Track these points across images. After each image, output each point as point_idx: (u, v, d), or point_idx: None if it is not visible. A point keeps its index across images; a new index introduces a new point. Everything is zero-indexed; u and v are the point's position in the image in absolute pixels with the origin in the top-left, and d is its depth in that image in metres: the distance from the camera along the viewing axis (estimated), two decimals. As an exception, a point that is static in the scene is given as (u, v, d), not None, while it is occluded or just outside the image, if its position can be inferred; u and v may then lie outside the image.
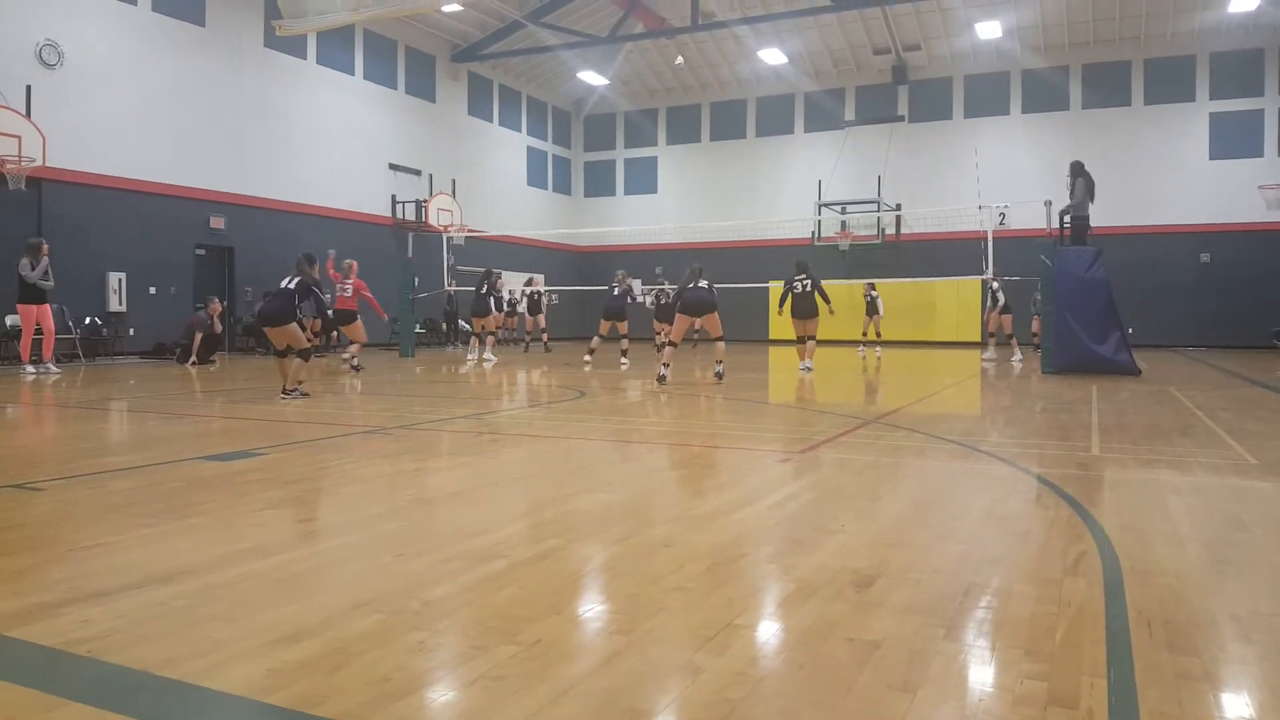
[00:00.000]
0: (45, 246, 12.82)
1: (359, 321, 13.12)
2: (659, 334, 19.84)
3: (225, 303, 17.44)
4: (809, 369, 13.51)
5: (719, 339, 11.66)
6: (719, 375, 11.41)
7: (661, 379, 10.93)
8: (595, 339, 15.49)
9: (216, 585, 2.81)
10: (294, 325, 9.13)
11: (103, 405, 8.93)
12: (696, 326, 12.93)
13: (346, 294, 13.18)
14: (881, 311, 20.44)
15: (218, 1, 18.53)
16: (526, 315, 21.39)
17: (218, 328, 15.72)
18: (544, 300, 21.06)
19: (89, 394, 10.05)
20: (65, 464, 5.28)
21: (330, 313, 12.85)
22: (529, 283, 20.96)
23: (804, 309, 13.60)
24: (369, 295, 13.30)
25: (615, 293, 15.80)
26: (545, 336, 21.15)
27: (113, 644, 2.28)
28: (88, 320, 15.89)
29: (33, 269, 12.55)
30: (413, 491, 4.55)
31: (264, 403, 8.79)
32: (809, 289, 13.57)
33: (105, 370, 13.85)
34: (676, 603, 2.66)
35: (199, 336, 15.04)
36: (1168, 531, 3.59)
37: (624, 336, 15.55)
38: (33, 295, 12.64)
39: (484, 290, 16.29)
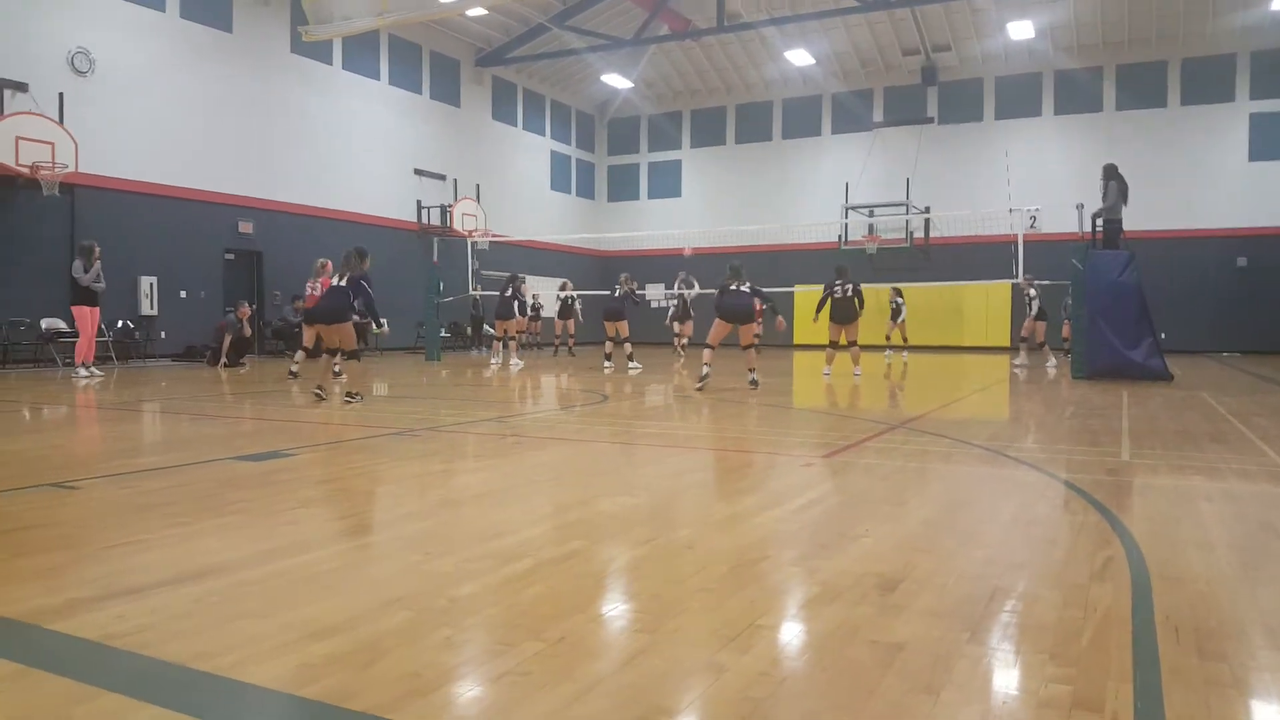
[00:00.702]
0: (98, 249, 12.92)
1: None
2: (678, 336, 19.76)
3: (254, 306, 17.65)
4: (858, 374, 13.42)
5: (748, 346, 11.18)
6: (754, 383, 10.94)
7: (704, 379, 10.66)
8: (607, 343, 15.53)
9: (248, 582, 2.86)
10: (349, 324, 8.97)
11: (135, 407, 9.08)
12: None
13: (316, 293, 12.19)
14: (904, 315, 20.32)
15: (245, 8, 18.79)
16: (556, 319, 21.40)
17: (247, 331, 15.91)
18: (576, 305, 20.99)
19: (122, 396, 10.22)
20: (100, 464, 5.38)
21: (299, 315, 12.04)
22: (563, 287, 20.88)
23: (844, 314, 13.54)
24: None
25: (616, 295, 15.63)
26: (572, 341, 21.17)
27: (148, 638, 2.34)
28: (120, 324, 16.16)
29: (85, 271, 12.70)
30: (440, 492, 4.60)
31: (293, 404, 8.90)
32: (849, 294, 13.52)
33: (137, 373, 14.08)
34: (700, 603, 2.68)
35: (228, 339, 15.23)
36: (1198, 537, 3.55)
37: (625, 340, 15.26)
38: (86, 297, 12.74)
39: (508, 294, 16.33)
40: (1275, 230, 22.92)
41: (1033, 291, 16.22)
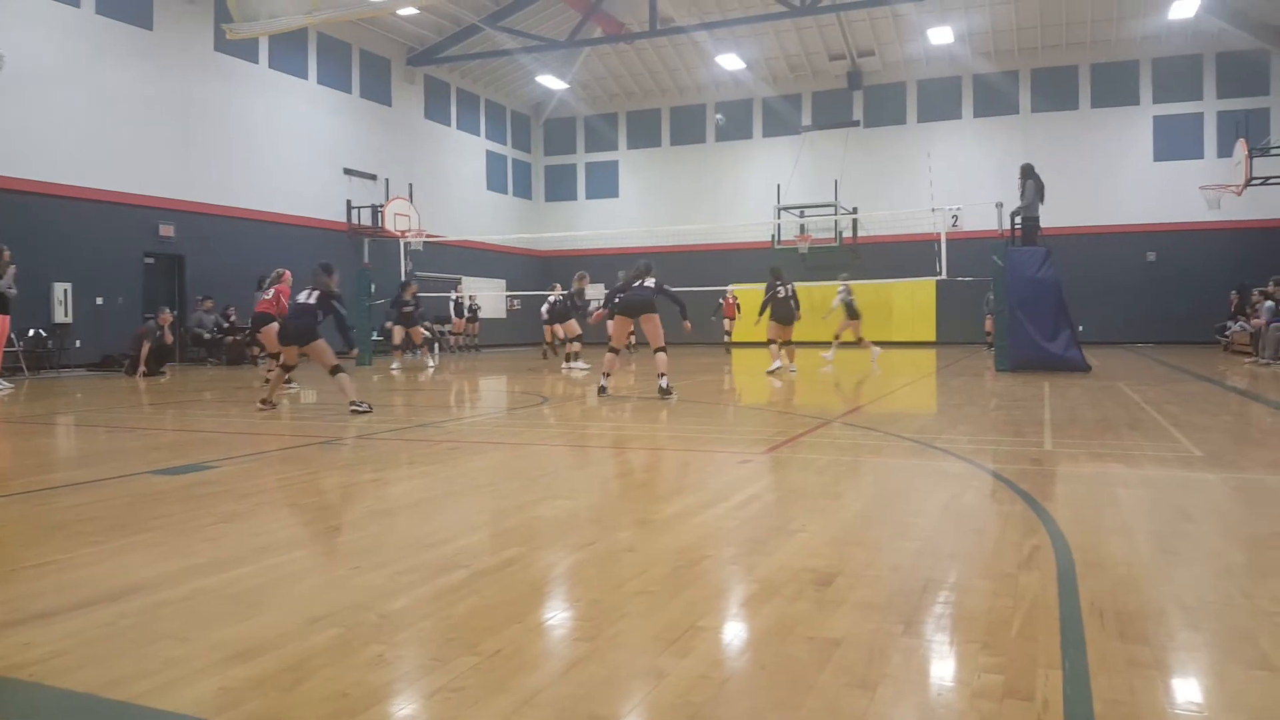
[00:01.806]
0: (7, 252, 12.30)
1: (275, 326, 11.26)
2: (548, 339, 18.89)
3: (175, 312, 17.07)
4: (794, 370, 13.75)
5: (660, 349, 9.86)
6: (663, 390, 9.53)
7: (602, 390, 9.95)
8: (569, 344, 15.47)
9: (168, 602, 2.75)
10: (322, 342, 8.65)
11: (48, 420, 8.70)
12: (630, 331, 11.80)
13: (268, 297, 11.97)
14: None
15: (166, 5, 18.19)
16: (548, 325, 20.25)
17: (168, 338, 15.38)
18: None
19: (34, 408, 9.79)
20: (9, 480, 5.13)
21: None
22: (552, 289, 19.98)
23: (786, 314, 13.71)
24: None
25: (565, 294, 15.63)
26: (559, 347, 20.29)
27: (57, 666, 2.22)
28: (32, 333, 15.47)
29: (0, 277, 12.09)
30: (371, 502, 4.49)
31: (216, 415, 8.63)
32: (790, 294, 13.70)
33: (51, 384, 13.50)
34: (640, 607, 2.66)
35: (147, 346, 14.70)
36: (1118, 524, 3.66)
37: (572, 339, 15.09)
38: (1, 306, 12.15)
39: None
40: (1180, 226, 23.99)
41: (844, 291, 16.53)
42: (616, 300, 10.02)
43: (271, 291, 12.03)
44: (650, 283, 9.91)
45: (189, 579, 2.99)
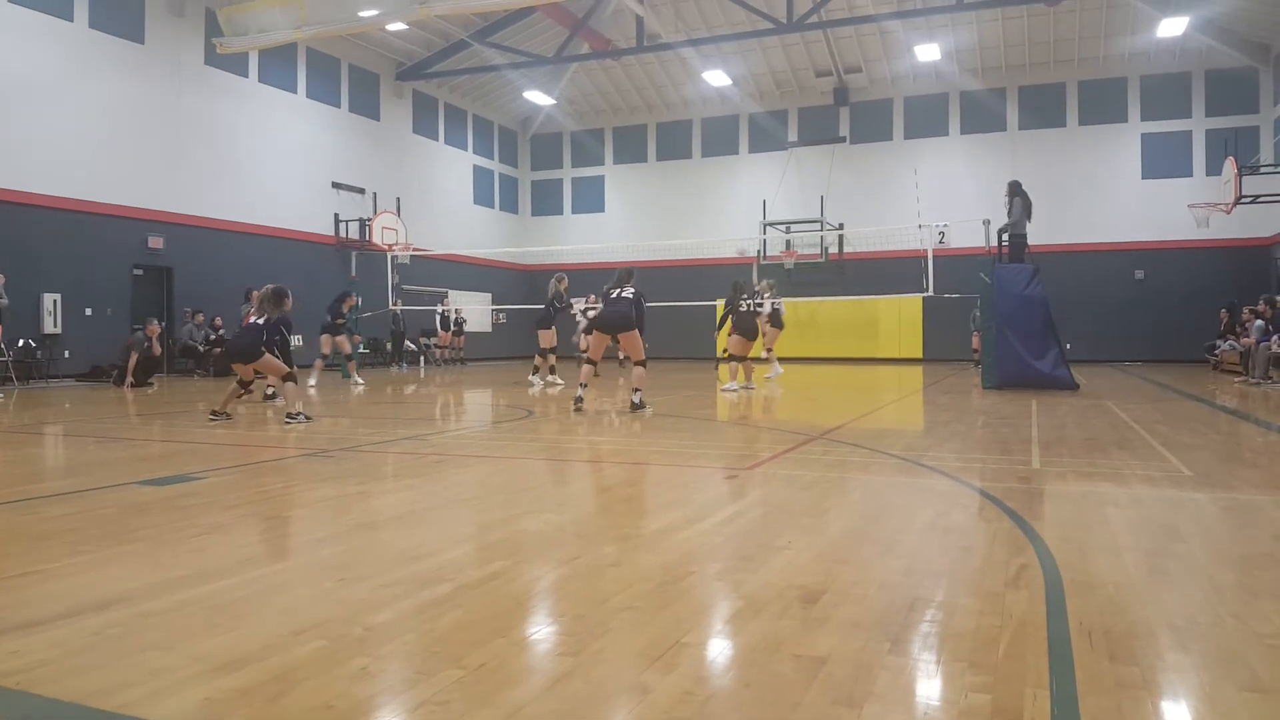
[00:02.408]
0: None
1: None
2: (581, 351, 18.72)
3: (164, 324, 16.99)
4: (753, 389, 13.38)
5: (639, 363, 9.78)
6: (636, 405, 9.54)
7: (578, 403, 9.67)
8: (550, 356, 15.36)
9: (153, 613, 2.72)
10: (267, 357, 9.04)
11: (36, 430, 8.63)
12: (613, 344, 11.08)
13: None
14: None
15: (157, 19, 18.20)
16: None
17: (156, 349, 15.29)
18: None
19: (22, 418, 9.70)
20: (-9, 492, 5.08)
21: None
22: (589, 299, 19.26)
23: (750, 328, 13.64)
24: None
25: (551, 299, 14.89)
26: (553, 359, 19.91)
27: (43, 675, 2.20)
28: (21, 343, 15.37)
29: None
30: (356, 515, 4.46)
31: (203, 426, 8.58)
32: (752, 309, 13.64)
33: (39, 394, 13.40)
34: (624, 623, 2.65)
35: (134, 357, 14.62)
36: (1107, 543, 3.67)
37: (547, 350, 14.53)
38: None
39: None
40: (1168, 244, 24.18)
41: (779, 304, 15.66)
42: (592, 315, 9.71)
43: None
44: (629, 293, 9.70)
45: (174, 590, 2.97)
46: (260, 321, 9.13)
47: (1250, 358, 14.84)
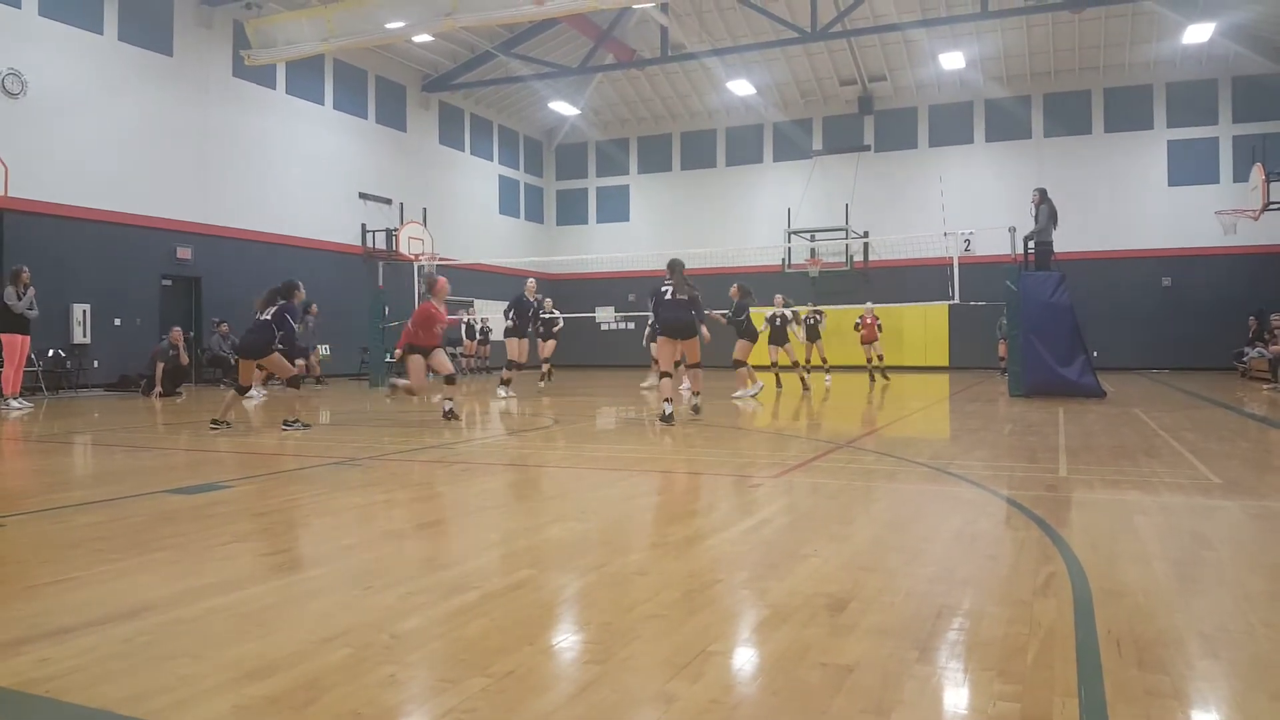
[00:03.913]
0: (26, 273, 12.43)
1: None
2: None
3: (192, 333, 17.20)
4: (761, 386, 13.51)
5: (695, 364, 10.30)
6: (696, 410, 10.10)
7: (667, 418, 9.23)
8: (544, 365, 15.35)
9: (182, 620, 2.76)
10: (276, 355, 9.01)
11: (66, 439, 8.77)
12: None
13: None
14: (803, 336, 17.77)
15: (186, 32, 18.49)
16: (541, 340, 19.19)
17: (183, 357, 15.48)
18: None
19: (52, 428, 9.86)
20: (27, 499, 5.17)
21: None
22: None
23: (753, 332, 13.67)
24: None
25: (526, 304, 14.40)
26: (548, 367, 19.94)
27: (73, 683, 2.23)
28: (51, 353, 15.63)
29: (19, 297, 12.21)
30: (382, 523, 4.50)
31: (231, 435, 8.68)
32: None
33: (69, 403, 13.60)
34: (651, 631, 2.65)
35: (161, 366, 14.82)
36: (1135, 551, 3.63)
37: (516, 363, 14.14)
38: (17, 325, 12.23)
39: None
40: (1195, 251, 23.88)
41: (788, 314, 15.43)
42: (656, 322, 9.88)
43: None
44: (684, 294, 9.79)
45: (203, 597, 3.00)
46: (268, 317, 9.01)
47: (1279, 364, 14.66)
